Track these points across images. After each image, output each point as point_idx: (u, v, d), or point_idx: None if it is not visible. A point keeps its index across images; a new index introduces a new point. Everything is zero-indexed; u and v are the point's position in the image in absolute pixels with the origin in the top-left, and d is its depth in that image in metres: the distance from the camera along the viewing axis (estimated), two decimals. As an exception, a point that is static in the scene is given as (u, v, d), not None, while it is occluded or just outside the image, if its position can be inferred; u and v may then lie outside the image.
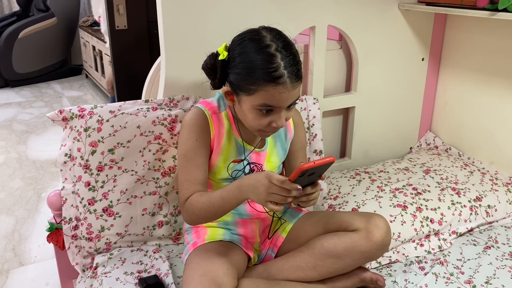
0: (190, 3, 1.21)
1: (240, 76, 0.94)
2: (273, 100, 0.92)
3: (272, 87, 0.90)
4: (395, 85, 1.65)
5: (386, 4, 1.52)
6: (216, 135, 1.05)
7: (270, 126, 0.96)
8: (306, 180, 0.87)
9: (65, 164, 1.15)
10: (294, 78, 0.91)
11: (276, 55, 0.90)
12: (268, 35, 0.93)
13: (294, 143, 1.15)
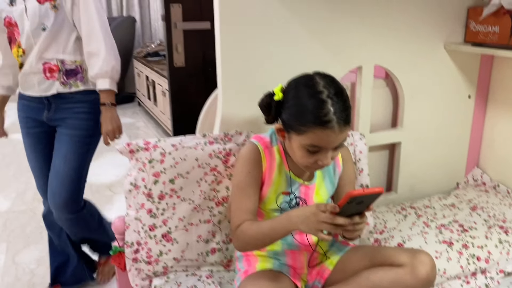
0: (246, 46, 1.32)
1: (292, 117, 1.02)
2: (320, 142, 0.99)
3: (321, 130, 0.97)
4: (441, 121, 1.68)
5: (432, 44, 1.57)
6: (268, 169, 1.13)
7: (316, 164, 1.03)
8: (354, 209, 0.92)
9: (130, 192, 1.26)
10: (342, 123, 0.98)
11: (327, 101, 0.97)
12: (321, 82, 1.01)
13: (343, 178, 1.21)
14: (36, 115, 1.65)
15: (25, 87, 1.62)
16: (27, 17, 1.50)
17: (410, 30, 1.52)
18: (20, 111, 1.68)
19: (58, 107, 1.62)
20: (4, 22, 1.53)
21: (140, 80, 4.90)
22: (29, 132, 1.68)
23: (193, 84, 2.33)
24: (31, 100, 1.63)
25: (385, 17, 1.47)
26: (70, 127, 1.63)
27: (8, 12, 1.52)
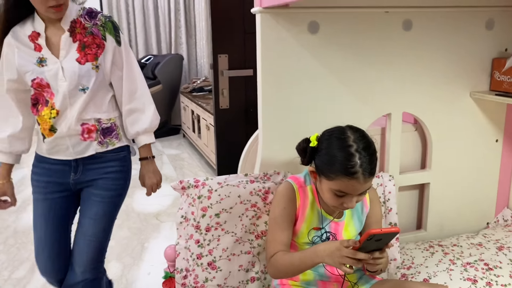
0: (284, 93, 1.49)
1: (323, 164, 1.18)
2: (346, 189, 1.13)
3: (347, 179, 1.12)
4: (469, 164, 1.78)
5: (458, 92, 1.69)
6: (301, 206, 1.28)
7: (342, 206, 1.17)
8: (374, 245, 1.04)
9: (181, 224, 1.43)
10: (368, 175, 1.12)
11: (355, 155, 1.12)
12: (352, 136, 1.16)
13: (370, 216, 1.34)
14: (61, 178, 1.53)
15: (54, 151, 1.50)
16: (64, 78, 1.42)
17: (436, 79, 1.65)
18: (39, 175, 1.54)
19: (86, 168, 1.53)
20: (33, 83, 1.42)
21: (185, 113, 5.19)
22: (48, 198, 1.54)
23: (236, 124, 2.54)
24: (55, 163, 1.51)
25: (412, 68, 1.61)
26: (100, 189, 1.55)
27: (39, 73, 1.41)
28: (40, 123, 1.48)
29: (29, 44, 1.42)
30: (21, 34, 1.42)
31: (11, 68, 1.43)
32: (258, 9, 1.41)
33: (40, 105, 1.46)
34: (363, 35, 1.53)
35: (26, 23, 1.43)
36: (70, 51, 1.43)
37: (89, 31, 1.45)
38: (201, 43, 5.55)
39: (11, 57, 1.42)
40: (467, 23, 1.64)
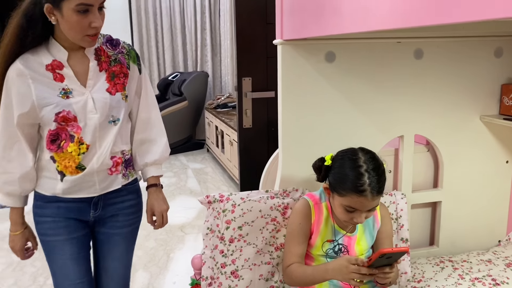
0: (303, 115, 1.62)
1: (336, 181, 1.30)
2: (355, 205, 1.25)
3: (357, 196, 1.24)
4: (480, 184, 1.86)
5: (468, 116, 1.79)
6: (316, 221, 1.40)
7: (352, 221, 1.29)
8: (385, 262, 1.16)
9: (207, 235, 1.57)
10: (375, 193, 1.24)
11: (364, 175, 1.24)
12: (363, 157, 1.29)
13: (381, 232, 1.45)
14: (80, 216, 1.41)
15: (75, 190, 1.36)
16: (95, 110, 1.32)
17: (447, 104, 1.75)
18: (54, 216, 1.38)
19: (106, 203, 1.43)
20: (57, 117, 1.28)
21: (210, 129, 5.37)
22: (73, 237, 1.40)
23: (258, 142, 2.70)
24: (72, 201, 1.38)
25: (424, 93, 1.72)
26: (120, 225, 1.48)
27: (65, 106, 1.28)
28: (60, 161, 1.33)
29: (46, 74, 1.27)
30: (35, 63, 1.27)
31: (25, 101, 1.27)
32: (279, 41, 1.56)
33: (64, 141, 1.31)
34: (376, 64, 1.65)
35: (38, 50, 1.28)
36: (98, 80, 1.34)
37: (114, 60, 1.38)
38: (225, 61, 5.74)
39: (25, 89, 1.26)
40: (476, 51, 1.74)
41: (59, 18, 1.22)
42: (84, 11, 1.20)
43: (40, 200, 1.40)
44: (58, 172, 1.35)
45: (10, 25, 1.26)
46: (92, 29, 1.23)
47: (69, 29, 1.23)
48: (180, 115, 5.38)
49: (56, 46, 1.29)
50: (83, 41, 1.27)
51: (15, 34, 1.25)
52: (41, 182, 1.39)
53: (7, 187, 1.36)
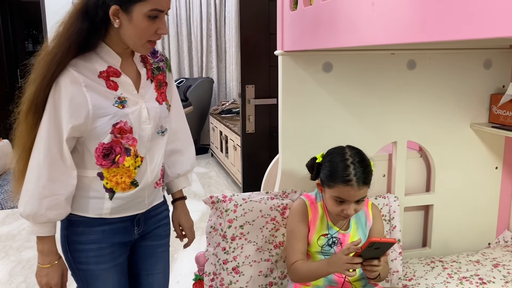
0: (301, 120, 1.73)
1: (326, 175, 1.42)
2: (343, 195, 1.36)
3: (344, 186, 1.35)
4: (470, 188, 1.95)
5: (459, 123, 1.88)
6: (312, 219, 1.50)
7: (343, 213, 1.39)
8: (373, 253, 1.25)
9: (210, 233, 1.67)
10: (361, 183, 1.35)
11: (350, 166, 1.36)
12: (349, 152, 1.42)
13: (373, 230, 1.54)
14: (125, 237, 1.31)
15: (124, 208, 1.26)
16: (148, 120, 1.23)
17: (439, 112, 1.85)
18: (99, 242, 1.25)
19: (146, 217, 1.35)
20: (113, 129, 1.17)
21: (214, 134, 5.48)
22: (117, 263, 1.30)
23: (261, 146, 2.81)
24: (117, 221, 1.27)
25: (416, 102, 1.82)
26: (160, 237, 1.41)
27: (122, 116, 1.17)
28: (110, 177, 1.21)
29: (99, 82, 1.16)
30: (87, 70, 1.15)
31: (80, 111, 1.14)
32: (280, 52, 1.66)
33: (119, 156, 1.19)
34: (371, 73, 1.75)
35: (89, 55, 1.16)
36: (149, 89, 1.26)
37: (157, 68, 1.31)
38: (230, 67, 5.87)
39: (81, 98, 1.13)
40: (466, 63, 1.84)
41: (124, 22, 1.12)
42: (154, 16, 1.12)
43: (82, 225, 1.24)
44: (106, 190, 1.22)
45: (62, 27, 1.14)
46: (156, 36, 1.16)
47: (134, 34, 1.13)
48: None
49: (109, 51, 1.17)
50: (144, 48, 1.18)
51: (70, 38, 1.12)
52: (82, 203, 1.23)
53: (51, 213, 1.17)
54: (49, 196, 1.16)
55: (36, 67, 1.15)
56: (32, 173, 1.16)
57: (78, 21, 1.12)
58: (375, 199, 1.76)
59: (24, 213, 1.17)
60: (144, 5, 1.10)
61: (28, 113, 1.15)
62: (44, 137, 1.15)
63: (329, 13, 1.24)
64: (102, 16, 1.12)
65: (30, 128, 1.16)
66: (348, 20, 1.14)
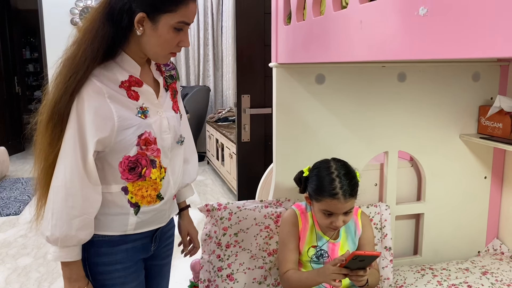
0: (295, 130, 1.77)
1: (313, 189, 1.46)
2: (331, 208, 1.40)
3: (330, 199, 1.39)
4: (460, 198, 2.00)
5: (449, 134, 1.93)
6: (303, 229, 1.54)
7: (332, 225, 1.43)
8: (359, 264, 1.29)
9: (205, 241, 1.70)
10: (348, 196, 1.39)
11: (336, 180, 1.40)
12: (334, 165, 1.46)
13: (362, 238, 1.58)
14: (144, 254, 1.27)
15: (147, 223, 1.22)
16: (168, 130, 1.20)
17: (429, 123, 1.90)
18: (123, 261, 1.20)
19: (161, 233, 1.31)
20: (139, 140, 1.13)
21: (210, 142, 5.52)
22: (140, 282, 1.27)
23: (256, 155, 2.86)
24: (138, 238, 1.23)
25: (407, 113, 1.87)
26: (167, 256, 1.39)
27: (146, 126, 1.14)
28: (135, 191, 1.17)
29: (121, 92, 1.11)
30: (108, 80, 1.10)
31: (106, 123, 1.08)
32: (274, 64, 1.71)
33: (145, 168, 1.16)
34: (363, 85, 1.80)
35: (109, 65, 1.12)
36: (166, 98, 1.24)
37: (170, 76, 1.28)
38: (227, 76, 5.92)
39: (106, 110, 1.08)
40: (455, 75, 1.90)
41: (148, 31, 1.09)
42: (180, 29, 1.10)
43: (106, 245, 1.18)
44: (131, 205, 1.17)
45: (87, 31, 1.09)
46: (178, 48, 1.14)
47: (157, 44, 1.10)
48: (181, 128, 5.51)
49: (128, 60, 1.13)
50: (164, 58, 1.16)
51: (99, 42, 1.07)
52: (105, 221, 1.16)
53: (81, 234, 1.11)
54: (79, 216, 1.09)
55: (57, 74, 1.10)
56: (59, 193, 1.09)
57: (105, 26, 1.08)
58: (367, 208, 1.81)
59: (52, 237, 1.09)
60: (173, 17, 1.07)
61: (49, 123, 1.09)
62: (70, 153, 1.08)
63: (320, 28, 1.29)
64: (127, 22, 1.08)
65: (52, 141, 1.09)
66: (338, 36, 1.19)
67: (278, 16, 1.68)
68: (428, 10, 0.78)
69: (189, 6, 1.08)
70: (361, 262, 1.28)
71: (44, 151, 1.11)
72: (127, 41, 1.12)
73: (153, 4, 1.06)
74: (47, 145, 1.11)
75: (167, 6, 1.06)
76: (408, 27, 0.85)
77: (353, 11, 1.09)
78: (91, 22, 1.09)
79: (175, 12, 1.07)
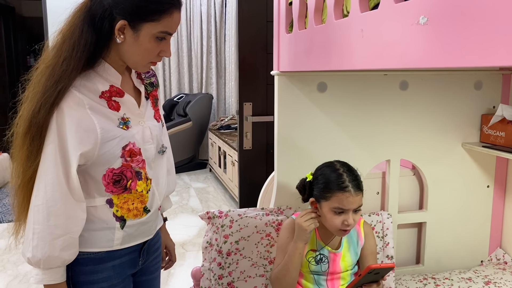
0: (297, 138, 1.77)
1: (320, 189, 1.46)
2: (342, 203, 1.40)
3: (341, 193, 1.40)
4: (463, 207, 1.99)
5: (451, 143, 1.93)
6: None
7: (343, 224, 1.41)
8: (372, 278, 1.29)
9: (206, 249, 1.69)
10: (356, 188, 1.41)
11: (343, 174, 1.43)
12: (338, 164, 1.49)
13: (365, 249, 1.57)
14: (131, 269, 1.22)
15: (134, 236, 1.18)
16: (151, 140, 1.16)
17: (431, 132, 1.90)
18: (112, 279, 1.15)
19: (149, 245, 1.27)
20: (124, 152, 1.09)
21: (213, 149, 5.52)
22: None
23: (258, 163, 2.86)
24: (125, 253, 1.18)
25: (409, 121, 1.87)
26: (157, 267, 1.36)
27: (129, 137, 1.10)
28: (120, 204, 1.12)
29: (101, 102, 1.07)
30: (88, 90, 1.05)
31: (89, 136, 1.04)
32: (276, 72, 1.72)
33: (131, 180, 1.12)
34: (365, 93, 1.80)
35: (89, 74, 1.07)
36: (147, 107, 1.20)
37: (150, 84, 1.24)
38: (230, 84, 5.94)
39: (88, 121, 1.04)
40: (457, 84, 1.90)
41: (128, 39, 1.05)
42: (162, 38, 1.07)
43: (91, 263, 1.12)
44: (117, 219, 1.12)
45: (70, 38, 1.04)
46: (159, 58, 1.11)
47: (137, 53, 1.07)
48: (184, 136, 5.54)
49: (109, 69, 1.09)
50: (144, 67, 1.12)
51: (82, 50, 1.03)
52: (89, 238, 1.11)
53: (65, 254, 1.05)
54: (63, 236, 1.04)
55: (35, 83, 1.05)
56: (39, 212, 1.03)
57: (87, 32, 1.03)
58: (369, 216, 1.80)
59: (34, 259, 1.03)
60: (155, 26, 1.04)
61: (26, 136, 1.03)
62: (51, 168, 1.02)
63: (322, 37, 1.29)
64: (107, 29, 1.04)
65: (30, 154, 1.04)
66: (340, 44, 1.19)
67: (280, 25, 1.69)
68: (428, 19, 0.78)
69: (173, 16, 1.05)
70: (375, 275, 1.27)
71: (22, 166, 1.06)
72: (107, 49, 1.07)
73: (135, 12, 1.02)
74: (25, 159, 1.05)
75: (150, 15, 1.03)
76: (409, 36, 0.86)
77: (354, 19, 1.09)
78: (71, 26, 1.05)
79: (158, 21, 1.04)
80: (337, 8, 1.20)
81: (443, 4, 0.75)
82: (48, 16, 5.51)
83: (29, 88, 1.06)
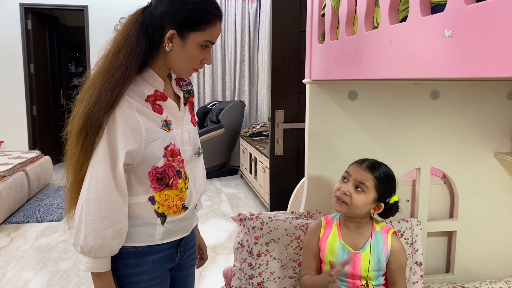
0: (327, 144, 1.82)
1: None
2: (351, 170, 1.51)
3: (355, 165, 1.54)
4: (494, 217, 1.98)
5: (482, 152, 1.93)
6: (323, 237, 1.56)
7: (339, 191, 1.49)
8: None
9: (237, 249, 1.76)
10: (368, 166, 1.51)
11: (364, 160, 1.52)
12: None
13: (394, 264, 1.52)
14: (169, 263, 1.31)
15: (173, 232, 1.27)
16: (189, 142, 1.26)
17: (462, 140, 1.90)
18: (152, 272, 1.24)
19: (185, 242, 1.36)
20: (166, 152, 1.18)
21: (244, 156, 5.60)
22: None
23: (288, 169, 2.91)
24: (166, 247, 1.28)
25: (439, 130, 1.88)
26: (191, 264, 1.43)
27: (170, 138, 1.19)
28: (161, 201, 1.21)
29: (146, 105, 1.16)
30: (135, 94, 1.15)
31: (135, 136, 1.13)
32: (308, 80, 1.78)
33: (172, 179, 1.20)
34: (395, 102, 1.84)
35: (135, 79, 1.16)
36: (185, 112, 1.31)
37: (187, 91, 1.35)
38: (262, 92, 6.02)
39: (135, 122, 1.13)
40: (490, 93, 1.90)
41: (176, 47, 1.15)
42: (206, 46, 1.17)
43: (133, 257, 1.22)
44: (158, 215, 1.21)
45: (116, 46, 1.13)
46: (201, 65, 1.21)
47: (183, 60, 1.17)
48: (216, 142, 5.65)
49: (153, 75, 1.19)
50: (188, 73, 1.23)
51: (138, 56, 1.13)
52: (132, 233, 1.20)
53: (113, 243, 1.15)
54: (111, 226, 1.13)
55: (89, 86, 1.14)
56: (91, 204, 1.12)
57: (141, 41, 1.13)
58: (398, 223, 1.82)
59: (86, 248, 1.13)
60: (201, 35, 1.14)
61: (81, 133, 1.11)
62: (102, 164, 1.12)
63: (353, 47, 1.35)
64: (158, 38, 1.14)
65: (85, 151, 1.12)
66: (369, 54, 1.24)
67: (313, 35, 1.75)
68: (453, 32, 0.82)
69: (216, 26, 1.16)
70: None
71: (76, 161, 1.14)
72: (157, 56, 1.17)
73: (184, 22, 1.12)
74: (78, 155, 1.13)
75: (197, 25, 1.13)
76: (435, 47, 0.90)
77: (384, 31, 1.14)
78: (125, 36, 1.14)
79: (203, 31, 1.14)
80: (368, 20, 1.26)
81: (467, 18, 0.79)
82: (89, 26, 5.77)
83: (82, 91, 1.16)
